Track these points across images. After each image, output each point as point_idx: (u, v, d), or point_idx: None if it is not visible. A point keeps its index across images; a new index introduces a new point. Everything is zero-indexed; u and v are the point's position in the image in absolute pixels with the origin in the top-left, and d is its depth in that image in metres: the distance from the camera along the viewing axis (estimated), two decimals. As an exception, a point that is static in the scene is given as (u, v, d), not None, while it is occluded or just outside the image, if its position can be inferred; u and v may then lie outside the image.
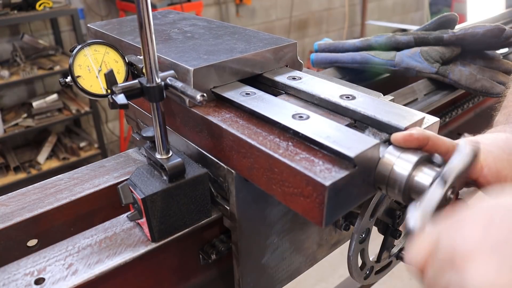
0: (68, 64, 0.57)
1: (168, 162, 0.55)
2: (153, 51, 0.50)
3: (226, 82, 0.63)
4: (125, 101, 0.50)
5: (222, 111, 0.59)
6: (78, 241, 0.57)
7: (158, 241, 0.57)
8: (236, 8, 4.13)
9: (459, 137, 0.56)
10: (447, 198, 0.44)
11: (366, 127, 0.54)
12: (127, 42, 0.71)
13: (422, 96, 0.97)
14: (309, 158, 0.47)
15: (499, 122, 0.63)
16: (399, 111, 0.53)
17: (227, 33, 0.74)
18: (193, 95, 0.49)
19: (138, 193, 0.54)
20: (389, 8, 5.49)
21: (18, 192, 0.65)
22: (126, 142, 3.60)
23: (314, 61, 1.06)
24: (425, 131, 0.48)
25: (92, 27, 0.83)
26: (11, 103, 3.20)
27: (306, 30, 4.78)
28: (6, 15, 2.80)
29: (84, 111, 3.19)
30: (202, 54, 0.63)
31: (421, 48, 0.96)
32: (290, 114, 0.53)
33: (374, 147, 0.47)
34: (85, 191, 0.65)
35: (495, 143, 0.53)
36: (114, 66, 0.59)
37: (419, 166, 0.47)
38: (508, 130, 0.57)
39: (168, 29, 0.77)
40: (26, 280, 0.51)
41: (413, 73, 0.96)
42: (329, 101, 0.57)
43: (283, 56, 0.68)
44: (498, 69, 0.99)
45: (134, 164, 0.73)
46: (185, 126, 0.63)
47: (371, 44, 1.02)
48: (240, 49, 0.65)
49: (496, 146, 0.52)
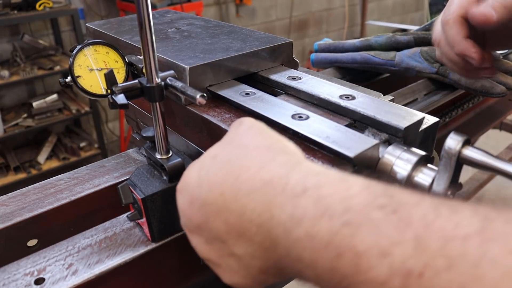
0: (68, 64, 0.57)
1: (168, 162, 0.55)
2: (153, 51, 0.50)
3: (222, 81, 0.63)
4: (125, 101, 0.50)
5: (222, 111, 0.59)
6: (78, 241, 0.57)
7: (158, 241, 0.57)
8: (236, 8, 4.13)
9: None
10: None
11: (365, 127, 0.54)
12: (124, 41, 0.71)
13: (422, 96, 0.97)
14: (308, 158, 0.47)
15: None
16: (399, 111, 0.53)
17: (224, 32, 0.74)
18: (193, 95, 0.49)
19: (138, 193, 0.54)
20: (389, 8, 5.49)
21: (18, 192, 0.65)
22: (126, 142, 3.60)
23: (314, 61, 1.06)
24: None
25: (90, 27, 0.83)
26: (11, 103, 3.20)
27: (306, 30, 4.78)
28: (6, 15, 2.80)
29: (84, 111, 3.19)
30: (198, 52, 0.64)
31: (421, 48, 0.96)
32: (289, 114, 0.54)
33: (373, 147, 0.47)
34: (85, 191, 0.65)
35: None
36: (114, 66, 0.59)
37: (418, 166, 0.47)
38: None
39: (166, 28, 0.77)
40: (26, 280, 0.51)
41: (413, 73, 0.96)
42: (329, 101, 0.57)
43: (278, 55, 0.69)
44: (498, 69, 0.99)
45: (134, 164, 0.73)
46: (185, 126, 0.63)
47: (371, 44, 1.02)
48: (236, 48, 0.65)
49: None
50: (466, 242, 0.25)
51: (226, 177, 0.38)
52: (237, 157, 0.39)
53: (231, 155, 0.39)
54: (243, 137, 0.41)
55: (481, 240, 0.25)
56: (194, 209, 0.40)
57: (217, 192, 0.38)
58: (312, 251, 0.30)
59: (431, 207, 0.28)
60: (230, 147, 0.41)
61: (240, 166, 0.38)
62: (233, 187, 0.37)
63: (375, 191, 0.30)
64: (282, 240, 0.33)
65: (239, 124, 0.44)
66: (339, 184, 0.32)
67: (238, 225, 0.36)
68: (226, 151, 0.41)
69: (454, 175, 0.44)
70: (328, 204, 0.31)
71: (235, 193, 0.36)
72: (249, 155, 0.38)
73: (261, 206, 0.34)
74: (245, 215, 0.35)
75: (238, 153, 0.39)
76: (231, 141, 0.42)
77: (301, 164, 0.36)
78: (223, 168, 0.39)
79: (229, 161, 0.39)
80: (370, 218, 0.28)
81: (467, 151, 0.44)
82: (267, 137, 0.41)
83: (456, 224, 0.26)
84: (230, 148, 0.41)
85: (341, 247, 0.29)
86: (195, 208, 0.40)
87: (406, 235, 0.27)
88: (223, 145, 0.42)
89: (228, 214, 0.37)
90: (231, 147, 0.41)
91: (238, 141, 0.41)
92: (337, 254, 0.29)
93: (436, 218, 0.27)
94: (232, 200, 0.37)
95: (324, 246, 0.30)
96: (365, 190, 0.31)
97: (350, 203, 0.30)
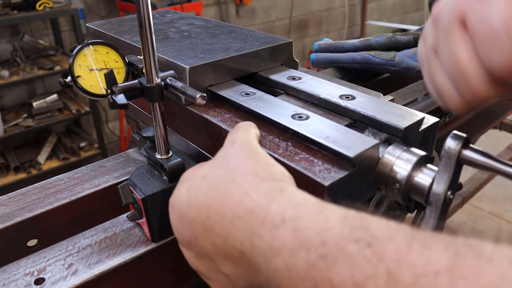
0: (68, 64, 0.57)
1: (168, 162, 0.55)
2: (153, 51, 0.50)
3: (222, 81, 0.63)
4: (125, 101, 0.50)
5: (222, 111, 0.59)
6: (78, 241, 0.57)
7: (158, 241, 0.57)
8: (236, 8, 4.13)
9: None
10: (448, 200, 0.45)
11: (365, 127, 0.54)
12: (124, 41, 0.71)
13: (422, 96, 0.97)
14: (308, 158, 0.47)
15: None
16: (399, 111, 0.53)
17: (224, 32, 0.74)
18: (193, 95, 0.49)
19: (138, 193, 0.54)
20: (389, 8, 5.49)
21: (18, 192, 0.65)
22: (126, 142, 3.60)
23: (314, 61, 1.06)
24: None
25: (90, 26, 0.83)
26: (11, 103, 3.20)
27: (306, 30, 4.78)
28: (6, 15, 2.80)
29: (84, 111, 3.19)
30: (198, 52, 0.64)
31: (421, 48, 0.96)
32: (289, 114, 0.53)
33: (373, 147, 0.47)
34: (85, 191, 0.65)
35: None
36: (114, 66, 0.59)
37: (418, 166, 0.47)
38: None
39: (166, 28, 0.78)
40: (26, 280, 0.51)
41: (413, 73, 0.96)
42: (329, 101, 0.57)
43: (278, 55, 0.69)
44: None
45: (134, 164, 0.73)
46: (185, 126, 0.63)
47: (371, 44, 1.02)
48: (236, 48, 0.65)
49: None
50: (437, 279, 0.26)
51: (213, 200, 0.39)
52: (224, 181, 0.40)
53: (219, 178, 0.41)
54: (232, 159, 0.42)
55: (451, 277, 0.26)
56: (184, 227, 0.42)
57: (204, 215, 0.39)
58: (290, 281, 0.32)
59: (404, 242, 0.29)
60: (219, 169, 0.42)
61: (226, 191, 0.39)
62: (218, 212, 0.38)
63: (351, 224, 0.31)
64: (263, 268, 0.34)
65: (231, 142, 0.45)
66: (316, 216, 0.33)
67: (224, 248, 0.38)
68: (215, 172, 0.42)
69: (454, 175, 0.44)
70: (306, 237, 0.32)
71: (220, 218, 0.38)
72: (235, 180, 0.40)
73: (243, 234, 0.36)
74: (229, 240, 0.37)
75: (225, 177, 0.40)
76: (221, 163, 0.43)
77: (283, 193, 0.37)
78: (210, 191, 0.40)
79: (216, 185, 0.40)
80: (345, 251, 0.29)
81: (467, 151, 0.44)
82: (255, 161, 0.42)
83: (427, 260, 0.27)
84: (218, 170, 0.42)
85: (318, 279, 0.30)
86: (185, 225, 0.42)
87: (379, 270, 0.28)
88: (213, 165, 0.43)
89: (214, 236, 0.39)
90: (219, 170, 0.42)
91: (226, 164, 0.42)
92: (314, 285, 0.30)
93: (408, 254, 0.28)
94: (217, 224, 0.38)
95: (302, 278, 0.31)
96: (341, 223, 0.32)
97: (326, 236, 0.31)
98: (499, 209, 2.89)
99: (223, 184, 0.40)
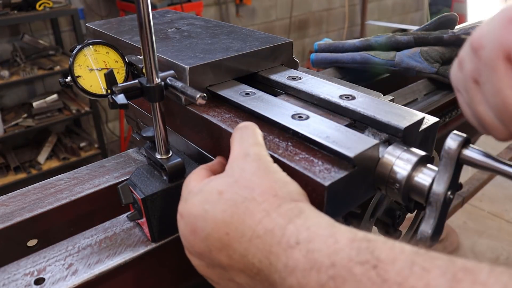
0: (68, 64, 0.57)
1: (168, 162, 0.55)
2: (153, 51, 0.50)
3: (222, 81, 0.63)
4: (125, 101, 0.50)
5: (222, 111, 0.59)
6: (78, 241, 0.57)
7: (158, 241, 0.57)
8: (236, 8, 4.13)
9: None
10: (448, 200, 0.45)
11: (365, 127, 0.54)
12: (124, 41, 0.71)
13: (422, 96, 0.97)
14: (308, 158, 0.47)
15: None
16: (399, 111, 0.53)
17: (224, 32, 0.74)
18: (193, 95, 0.49)
19: (138, 193, 0.54)
20: (389, 8, 5.50)
21: (18, 192, 0.65)
22: (126, 142, 3.60)
23: (314, 61, 1.06)
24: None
25: (90, 26, 0.83)
26: (11, 103, 3.20)
27: (306, 30, 4.78)
28: (6, 15, 2.80)
29: (84, 111, 3.19)
30: (198, 52, 0.64)
31: (421, 48, 0.96)
32: (289, 114, 0.53)
33: (373, 147, 0.47)
34: (85, 191, 0.65)
35: None
36: (114, 66, 0.59)
37: (418, 166, 0.47)
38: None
39: (166, 28, 0.78)
40: (26, 280, 0.51)
41: (413, 73, 0.96)
42: (329, 101, 0.57)
43: (279, 55, 0.69)
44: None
45: (134, 164, 0.73)
46: (185, 126, 0.63)
47: (371, 44, 1.02)
48: (236, 48, 0.65)
49: None
50: None
51: (232, 218, 0.40)
52: (243, 199, 0.41)
53: (237, 196, 0.42)
54: (250, 176, 0.43)
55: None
56: (197, 239, 0.43)
57: (222, 231, 0.41)
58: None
59: (406, 265, 0.31)
60: (236, 186, 0.43)
61: (246, 210, 0.40)
62: (237, 230, 0.40)
63: (358, 246, 0.34)
64: (279, 285, 0.37)
65: (244, 156, 0.45)
66: (327, 239, 0.36)
67: (241, 262, 0.40)
68: (233, 189, 0.42)
69: (454, 175, 0.44)
70: (317, 258, 0.34)
71: (239, 236, 0.40)
72: (255, 200, 0.41)
73: (261, 253, 0.38)
74: (247, 257, 0.39)
75: (244, 195, 0.41)
76: (238, 180, 0.43)
77: (301, 215, 0.39)
78: (229, 209, 0.41)
79: (235, 204, 0.41)
80: (353, 273, 0.32)
81: (467, 151, 0.44)
82: (273, 180, 0.42)
83: (426, 283, 0.29)
84: (236, 187, 0.42)
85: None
86: (198, 238, 0.43)
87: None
88: (230, 182, 0.43)
89: (231, 251, 0.40)
90: (237, 187, 0.42)
91: (244, 182, 0.43)
92: None
93: (409, 277, 0.30)
94: (236, 241, 0.40)
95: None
96: (349, 245, 0.34)
97: (335, 258, 0.34)
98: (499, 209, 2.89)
99: (242, 203, 0.41)
